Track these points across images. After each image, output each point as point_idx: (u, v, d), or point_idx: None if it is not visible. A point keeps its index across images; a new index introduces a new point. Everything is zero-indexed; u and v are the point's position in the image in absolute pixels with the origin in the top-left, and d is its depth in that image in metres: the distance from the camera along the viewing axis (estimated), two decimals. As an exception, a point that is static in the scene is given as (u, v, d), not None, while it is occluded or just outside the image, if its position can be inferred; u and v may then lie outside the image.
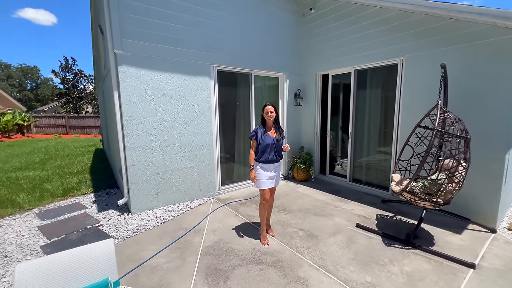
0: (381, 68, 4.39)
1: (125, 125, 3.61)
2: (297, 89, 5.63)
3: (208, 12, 4.15)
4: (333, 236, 3.15)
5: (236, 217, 3.71)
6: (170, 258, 2.71)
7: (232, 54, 4.53)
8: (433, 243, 2.95)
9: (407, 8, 3.62)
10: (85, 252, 1.66)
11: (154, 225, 3.49)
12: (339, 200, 4.38)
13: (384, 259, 2.65)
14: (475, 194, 3.33)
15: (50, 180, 5.76)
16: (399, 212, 3.82)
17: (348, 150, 5.02)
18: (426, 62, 3.70)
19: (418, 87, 3.84)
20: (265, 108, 2.95)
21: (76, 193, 4.94)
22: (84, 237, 3.20)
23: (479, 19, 2.97)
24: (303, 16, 5.49)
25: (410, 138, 3.38)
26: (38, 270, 1.50)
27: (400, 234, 3.15)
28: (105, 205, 4.27)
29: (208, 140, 4.45)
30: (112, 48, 3.41)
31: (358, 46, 4.55)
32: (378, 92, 4.57)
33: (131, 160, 3.71)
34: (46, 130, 18.32)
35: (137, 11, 3.52)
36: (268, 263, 2.61)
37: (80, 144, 12.60)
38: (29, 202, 4.45)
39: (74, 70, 25.92)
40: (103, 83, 6.54)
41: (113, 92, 3.59)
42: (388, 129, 4.42)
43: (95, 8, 6.16)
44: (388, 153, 4.44)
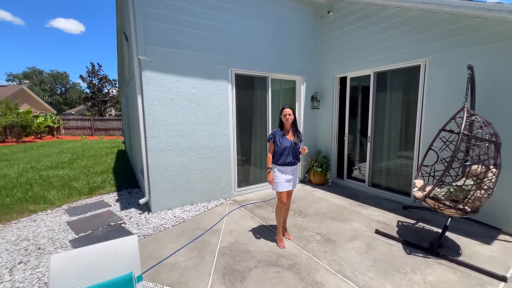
0: (402, 70, 4.27)
1: (147, 127, 3.77)
2: (314, 92, 5.59)
3: (226, 17, 4.26)
4: (351, 241, 3.08)
5: (252, 219, 3.74)
6: (188, 257, 2.78)
7: (249, 58, 4.60)
8: (459, 253, 2.80)
9: (430, 8, 3.50)
10: (112, 247, 1.76)
11: (173, 224, 3.61)
12: (357, 205, 4.28)
13: (406, 267, 2.56)
14: (506, 202, 3.13)
15: (77, 179, 6.12)
16: (421, 219, 3.66)
17: (367, 153, 4.90)
18: (451, 63, 3.55)
19: (442, 89, 3.69)
20: (283, 110, 2.97)
21: (101, 192, 5.21)
22: (108, 233, 3.37)
23: (510, 17, 2.82)
24: (320, 18, 5.47)
25: (434, 142, 3.25)
26: (70, 261, 1.61)
27: (422, 242, 3.02)
28: (127, 204, 4.47)
29: (226, 142, 4.53)
30: (136, 54, 3.59)
31: (378, 47, 4.45)
32: (399, 95, 4.44)
33: (152, 161, 3.86)
34: (74, 132, 19.46)
35: (159, 19, 3.69)
36: (285, 266, 2.60)
37: (104, 145, 13.25)
38: (59, 199, 4.75)
39: (99, 75, 27.41)
40: (126, 87, 6.88)
41: (136, 96, 3.77)
42: (410, 132, 4.27)
43: (121, 17, 6.52)
44: (410, 158, 4.28)
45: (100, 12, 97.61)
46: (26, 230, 3.49)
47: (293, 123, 3.02)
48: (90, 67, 27.04)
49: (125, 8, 4.99)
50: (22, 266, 2.65)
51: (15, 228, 3.56)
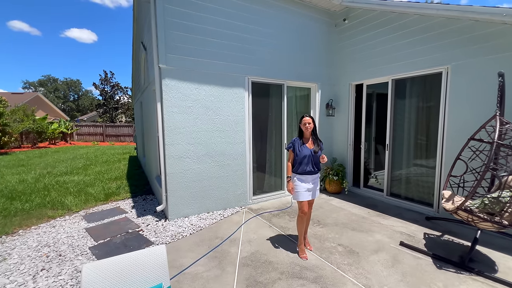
0: (422, 77, 4.19)
1: (166, 135, 3.79)
2: (329, 99, 5.55)
3: (243, 26, 4.31)
4: (376, 253, 2.96)
5: (270, 228, 3.66)
6: (209, 267, 2.73)
7: (265, 65, 4.62)
8: (493, 268, 2.65)
9: (453, 15, 3.46)
10: (141, 257, 1.73)
11: (190, 232, 3.57)
12: (376, 215, 4.15)
13: (438, 283, 2.43)
14: (541, 215, 2.96)
15: (92, 185, 6.19)
16: (447, 231, 3.51)
17: (385, 162, 4.78)
18: (475, 70, 3.46)
19: (466, 96, 3.59)
20: (302, 119, 2.94)
21: (116, 198, 5.24)
22: (127, 240, 3.35)
23: (541, 23, 2.74)
24: (335, 26, 5.47)
25: (463, 152, 3.14)
26: (101, 271, 1.59)
27: (451, 256, 2.88)
28: (143, 211, 4.47)
29: (242, 149, 4.51)
30: (157, 63, 3.65)
31: (396, 55, 4.40)
32: (419, 102, 4.35)
33: (170, 168, 3.87)
34: (86, 138, 19.88)
35: (180, 28, 3.76)
36: (309, 278, 2.51)
37: (116, 151, 13.45)
38: (76, 204, 4.80)
39: (112, 82, 28.14)
40: (141, 94, 6.99)
41: (156, 104, 3.81)
42: (431, 141, 4.16)
43: (138, 26, 6.70)
44: (431, 167, 4.15)
45: (112, 22, 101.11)
46: (46, 236, 3.52)
47: (313, 132, 2.98)
48: (103, 74, 27.84)
49: (144, 18, 5.12)
50: (45, 273, 2.65)
51: (35, 234, 3.59)
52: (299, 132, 3.00)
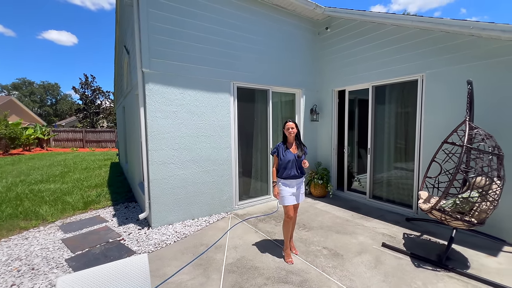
0: (400, 84, 4.40)
1: (149, 140, 3.71)
2: (314, 104, 5.68)
3: (229, 32, 4.34)
4: (359, 255, 3.03)
5: (256, 234, 3.65)
6: (193, 275, 2.67)
7: (251, 71, 4.67)
8: (467, 265, 2.79)
9: (426, 26, 3.68)
10: (121, 267, 1.67)
11: (174, 240, 3.48)
12: (360, 217, 4.26)
13: (417, 281, 2.52)
14: (510, 214, 3.17)
15: (70, 193, 5.90)
16: (426, 231, 3.66)
17: (367, 166, 4.94)
18: (448, 78, 3.69)
19: (440, 102, 3.81)
20: (286, 124, 2.99)
21: (96, 206, 5.02)
22: (107, 251, 3.21)
23: (503, 36, 2.98)
24: (318, 34, 5.65)
25: (437, 154, 3.31)
26: (77, 283, 1.51)
27: (430, 255, 3.00)
28: (125, 219, 4.31)
29: (227, 155, 4.50)
30: (140, 67, 3.58)
31: (376, 62, 4.60)
32: (397, 108, 4.55)
33: (154, 174, 3.77)
34: (64, 144, 18.98)
35: (164, 33, 3.73)
36: (295, 283, 2.52)
37: (97, 157, 12.93)
38: (52, 214, 4.54)
39: (92, 86, 27.19)
40: (124, 99, 6.81)
41: (139, 108, 3.73)
42: (409, 145, 4.35)
43: (120, 30, 6.57)
44: (410, 170, 4.34)
45: (94, 25, 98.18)
46: (18, 249, 3.30)
47: (296, 136, 3.03)
48: (83, 78, 26.86)
49: (127, 22, 5.03)
50: (15, 288, 2.48)
51: (5, 247, 3.36)
52: (283, 137, 3.04)
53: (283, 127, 3.01)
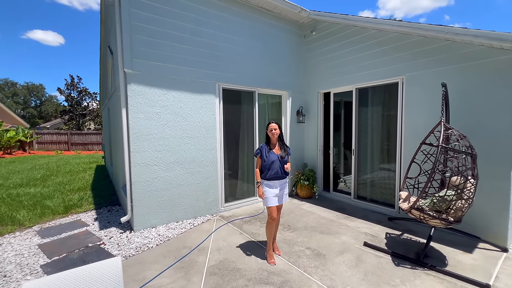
0: (382, 87, 4.51)
1: (131, 142, 3.65)
2: (300, 106, 5.74)
3: (214, 33, 4.34)
4: (341, 255, 3.06)
5: (240, 235, 3.63)
6: (174, 278, 2.63)
7: (236, 72, 4.67)
8: (444, 262, 2.87)
9: (404, 31, 3.79)
10: (92, 271, 1.62)
11: (157, 243, 3.42)
12: (344, 217, 4.31)
13: (395, 279, 2.57)
14: (484, 212, 3.29)
15: (51, 197, 5.70)
16: (407, 230, 3.75)
17: (352, 167, 5.02)
18: (426, 81, 3.81)
19: (419, 104, 3.92)
20: (269, 125, 3.00)
21: (78, 210, 4.87)
22: (85, 256, 3.12)
23: (475, 41, 3.11)
24: (304, 37, 5.73)
25: (416, 155, 3.40)
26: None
27: (409, 253, 3.07)
28: (107, 223, 4.20)
29: (213, 156, 4.47)
30: (122, 67, 3.53)
31: (359, 65, 4.70)
32: (380, 110, 4.66)
33: (136, 176, 3.71)
34: (48, 147, 18.38)
35: (146, 33, 3.69)
36: (276, 283, 2.52)
37: (82, 160, 12.59)
38: (30, 219, 4.38)
39: (79, 88, 26.52)
40: (109, 100, 6.68)
41: (121, 109, 3.66)
42: (391, 146, 4.45)
43: (105, 30, 6.45)
44: (392, 170, 4.44)
45: (81, 25, 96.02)
46: (-10, 255, 3.16)
47: (279, 138, 3.05)
48: (69, 79, 26.16)
49: (110, 21, 4.95)
50: (-16, 297, 2.37)
51: (-23, 254, 3.20)
52: (266, 138, 3.05)
53: (266, 128, 3.02)
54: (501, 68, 3.13)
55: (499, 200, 3.17)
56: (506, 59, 3.08)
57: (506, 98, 3.10)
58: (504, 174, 3.12)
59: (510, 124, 3.08)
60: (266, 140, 3.05)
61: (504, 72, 3.10)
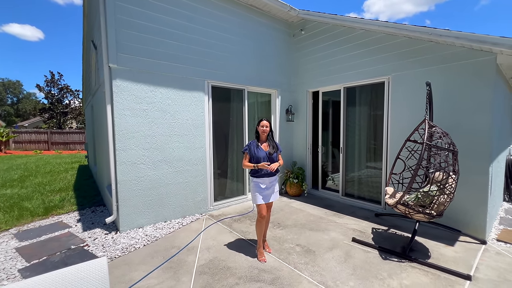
0: (369, 86, 4.61)
1: (117, 139, 3.52)
2: (289, 105, 5.77)
3: (204, 30, 4.28)
4: (330, 251, 3.11)
5: (230, 234, 3.60)
6: (162, 279, 2.56)
7: (226, 70, 4.63)
8: (428, 255, 2.97)
9: (391, 31, 3.89)
10: (76, 273, 1.54)
11: (144, 243, 3.32)
12: (333, 214, 4.38)
13: (383, 273, 2.63)
14: (464, 206, 3.44)
15: (30, 198, 5.42)
16: (393, 225, 3.85)
17: (340, 165, 5.11)
18: (410, 81, 3.93)
19: (404, 103, 4.04)
20: (260, 122, 2.98)
21: (59, 212, 4.66)
22: (67, 258, 2.98)
23: (457, 42, 3.24)
24: (293, 36, 5.76)
25: (401, 152, 3.50)
26: (23, 294, 1.37)
27: (395, 247, 3.16)
28: (90, 224, 4.04)
29: (202, 154, 4.40)
30: (107, 62, 3.40)
31: (347, 65, 4.79)
32: (367, 109, 4.76)
33: (122, 175, 3.59)
34: (26, 146, 17.49)
35: (133, 27, 3.58)
36: (267, 281, 2.52)
37: (63, 160, 12.07)
38: (6, 222, 4.14)
39: (60, 85, 25.41)
40: (92, 97, 6.44)
41: (105, 106, 3.53)
42: (378, 144, 4.57)
43: (88, 24, 6.20)
44: (379, 168, 4.55)
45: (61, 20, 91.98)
46: (-38, 260, 2.95)
47: (269, 135, 3.03)
48: (49, 76, 25.00)
49: (94, 15, 4.76)
50: (-45, 305, 2.20)
51: None
52: (256, 134, 3.03)
53: (257, 125, 2.99)
54: (480, 69, 3.28)
55: (478, 194, 3.33)
56: (485, 61, 3.23)
57: (485, 98, 3.25)
58: (483, 170, 3.28)
59: (488, 123, 3.23)
60: (256, 137, 3.03)
61: (483, 73, 3.26)
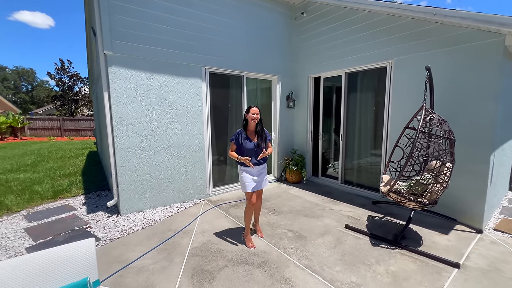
0: (371, 71, 4.45)
1: (115, 126, 3.60)
2: (290, 91, 5.67)
3: (200, 14, 4.19)
4: (322, 237, 3.15)
5: (226, 219, 3.70)
6: (156, 259, 2.69)
7: (224, 56, 4.56)
8: (420, 243, 2.96)
9: (394, 12, 3.68)
10: (65, 252, 1.65)
11: (143, 226, 3.47)
12: (330, 201, 4.40)
13: (371, 259, 2.66)
14: (462, 195, 3.37)
15: (40, 182, 5.70)
16: (389, 213, 3.84)
17: (340, 152, 5.05)
18: (414, 65, 3.76)
19: (406, 89, 3.89)
20: (250, 109, 2.83)
21: (67, 195, 4.90)
22: (71, 238, 3.17)
23: (463, 23, 3.04)
24: (295, 19, 5.56)
25: (400, 139, 3.42)
26: (15, 269, 1.48)
27: (388, 235, 3.16)
28: (95, 207, 4.23)
29: (200, 141, 4.45)
30: (102, 49, 3.41)
31: (349, 49, 4.61)
32: (369, 95, 4.62)
33: (121, 161, 3.70)
34: (40, 133, 18.16)
35: (128, 13, 3.54)
36: (255, 263, 2.60)
37: (74, 146, 12.50)
38: (18, 204, 4.40)
39: (70, 72, 25.81)
40: (96, 85, 6.53)
41: (103, 93, 3.59)
42: (379, 131, 4.46)
43: (89, 10, 6.17)
44: (379, 155, 4.48)
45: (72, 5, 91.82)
46: (-24, 238, 3.19)
47: (258, 124, 2.90)
48: (59, 63, 25.38)
49: (92, 1, 4.73)
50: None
51: (-37, 237, 3.24)
52: (244, 122, 2.92)
53: (246, 112, 2.88)
54: (487, 51, 3.08)
55: (477, 183, 3.24)
56: (493, 43, 3.03)
57: (491, 82, 3.08)
58: (484, 158, 3.17)
59: (493, 109, 3.08)
60: (244, 125, 2.92)
61: (490, 56, 3.07)
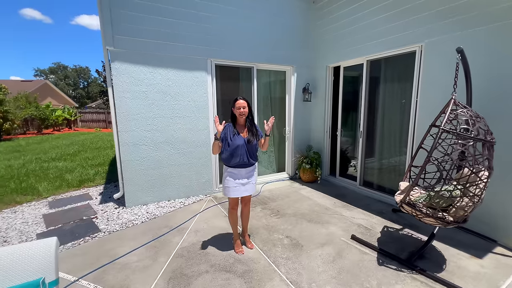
0: (397, 58, 3.80)
1: (118, 121, 3.68)
2: (306, 83, 5.21)
3: (204, 3, 4.00)
4: (321, 247, 2.80)
5: (225, 218, 3.55)
6: (142, 257, 2.67)
7: (231, 47, 4.33)
8: (441, 267, 2.43)
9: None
10: (23, 250, 1.64)
11: (142, 220, 3.52)
12: (342, 205, 3.95)
13: (372, 281, 2.25)
14: (506, 212, 2.68)
15: (72, 170, 6.27)
16: (409, 225, 3.28)
17: (359, 150, 4.50)
18: (448, 48, 3.04)
19: (439, 78, 3.21)
20: (235, 102, 2.51)
21: (90, 184, 5.28)
22: (76, 228, 3.35)
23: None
24: (313, 3, 5.03)
25: (425, 140, 2.84)
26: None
27: (402, 252, 2.68)
28: (108, 197, 4.46)
29: (205, 137, 4.35)
30: (104, 45, 3.46)
31: (371, 33, 3.99)
32: (393, 86, 3.98)
33: (125, 155, 3.78)
34: (89, 125, 20.30)
35: (128, 7, 3.52)
36: (237, 272, 2.40)
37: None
38: (48, 190, 4.86)
39: (115, 69, 28.18)
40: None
41: (107, 88, 3.66)
42: (404, 128, 3.83)
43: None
44: (404, 155, 3.86)
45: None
46: (2, 222, 3.57)
47: (248, 118, 2.60)
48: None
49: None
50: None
51: (-5, 219, 3.66)
52: (232, 117, 2.63)
53: (232, 106, 2.59)
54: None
55: (530, 198, 2.53)
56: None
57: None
58: (541, 166, 2.45)
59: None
60: (232, 120, 2.64)
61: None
